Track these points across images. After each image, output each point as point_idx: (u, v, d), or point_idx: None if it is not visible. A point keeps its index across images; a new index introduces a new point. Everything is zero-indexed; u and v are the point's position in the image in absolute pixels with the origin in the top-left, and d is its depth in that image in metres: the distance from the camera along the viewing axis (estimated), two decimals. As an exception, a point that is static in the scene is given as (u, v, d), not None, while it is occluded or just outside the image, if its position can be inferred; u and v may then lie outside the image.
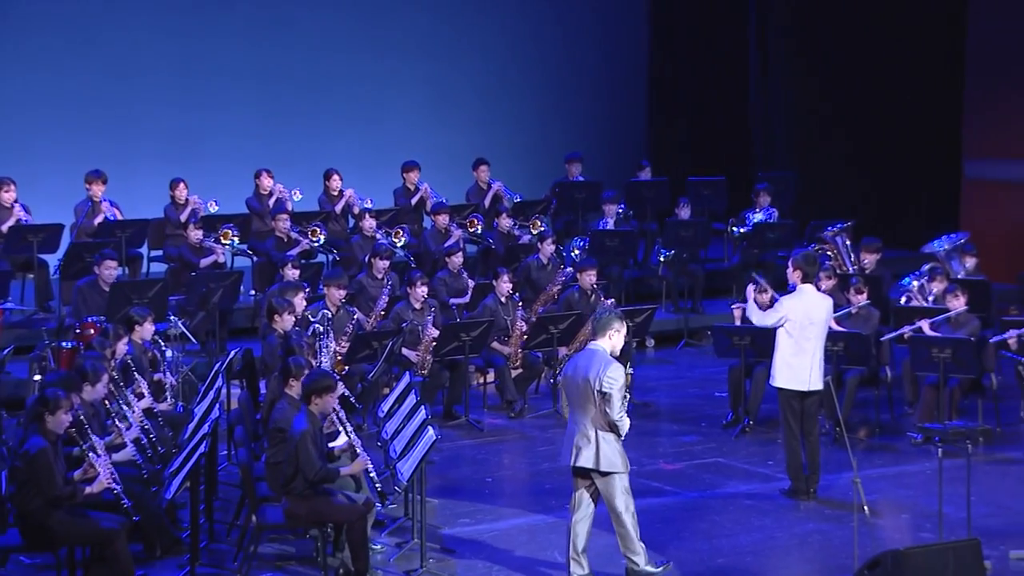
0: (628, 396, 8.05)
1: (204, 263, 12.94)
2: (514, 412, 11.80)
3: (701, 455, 10.57)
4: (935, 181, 17.03)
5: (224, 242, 13.13)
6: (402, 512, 9.10)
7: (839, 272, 12.59)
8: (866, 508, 8.94)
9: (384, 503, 8.72)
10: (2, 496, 7.97)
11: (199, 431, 8.38)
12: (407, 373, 10.03)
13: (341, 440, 8.56)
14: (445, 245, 13.40)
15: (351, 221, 14.32)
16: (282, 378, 8.71)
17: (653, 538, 8.55)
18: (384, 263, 12.37)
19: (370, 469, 8.27)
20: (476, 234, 14.07)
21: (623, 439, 8.04)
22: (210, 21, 15.90)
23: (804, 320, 9.45)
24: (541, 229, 13.98)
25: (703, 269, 14.84)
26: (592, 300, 12.37)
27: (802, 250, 10.08)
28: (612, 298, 12.75)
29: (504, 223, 14.22)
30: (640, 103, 18.42)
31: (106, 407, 8.76)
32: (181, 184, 13.73)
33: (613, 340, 8.07)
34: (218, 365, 9.81)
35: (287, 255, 12.81)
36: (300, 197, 14.17)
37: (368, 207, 14.04)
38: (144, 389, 9.30)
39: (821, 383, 9.45)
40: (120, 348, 9.52)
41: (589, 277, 12.45)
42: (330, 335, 10.45)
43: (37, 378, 10.07)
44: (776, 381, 9.59)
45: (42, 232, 12.58)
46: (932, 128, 17.03)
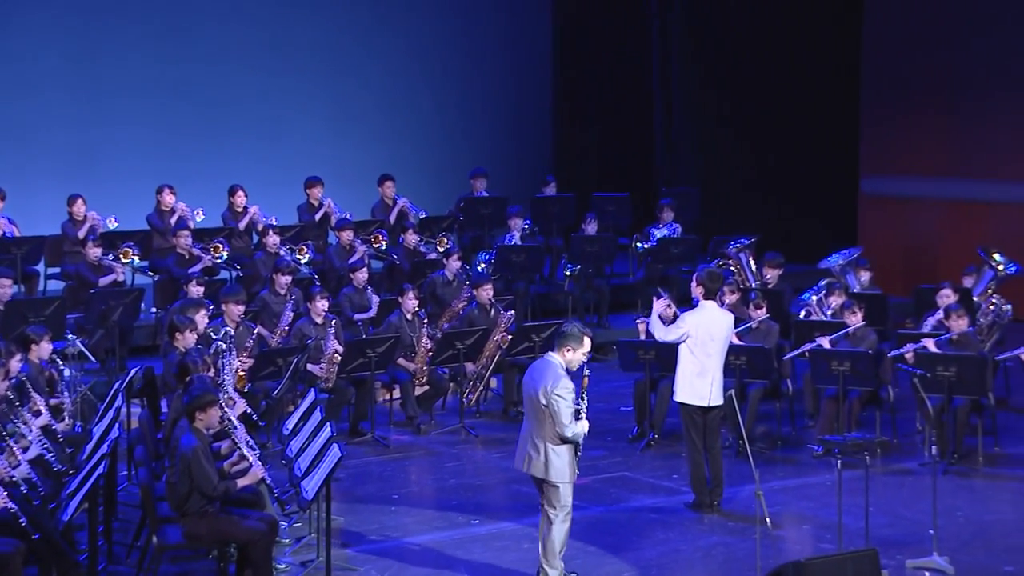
0: (585, 402, 8.08)
1: (103, 282, 12.74)
2: (419, 428, 11.77)
3: (607, 469, 10.62)
4: (834, 197, 17.37)
5: (124, 260, 12.96)
6: (307, 530, 9.02)
7: (742, 287, 12.78)
8: (768, 520, 9.08)
9: (284, 509, 8.65)
10: None
11: (97, 451, 8.23)
12: (312, 390, 9.96)
13: (235, 456, 8.46)
14: (350, 261, 13.34)
15: (255, 238, 14.19)
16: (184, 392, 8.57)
17: (559, 553, 8.57)
18: (286, 279, 12.28)
19: (267, 479, 8.19)
20: (381, 250, 14.04)
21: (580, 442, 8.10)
22: (110, 37, 15.67)
23: (705, 336, 9.56)
24: (447, 246, 13.98)
25: (608, 284, 14.95)
26: (492, 315, 12.40)
27: (706, 266, 10.21)
28: (513, 310, 12.79)
29: (410, 239, 14.20)
30: (545, 119, 18.52)
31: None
32: (79, 200, 13.50)
33: (567, 356, 8.10)
34: (118, 384, 9.68)
35: (190, 272, 12.65)
36: (203, 217, 14.00)
37: (272, 224, 13.93)
38: (42, 407, 9.12)
39: (722, 398, 9.57)
40: (14, 366, 9.30)
41: (486, 292, 12.49)
42: (233, 352, 10.34)
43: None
44: (678, 396, 9.69)
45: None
46: (831, 145, 17.37)
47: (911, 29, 16.69)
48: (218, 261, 13.27)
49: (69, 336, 11.16)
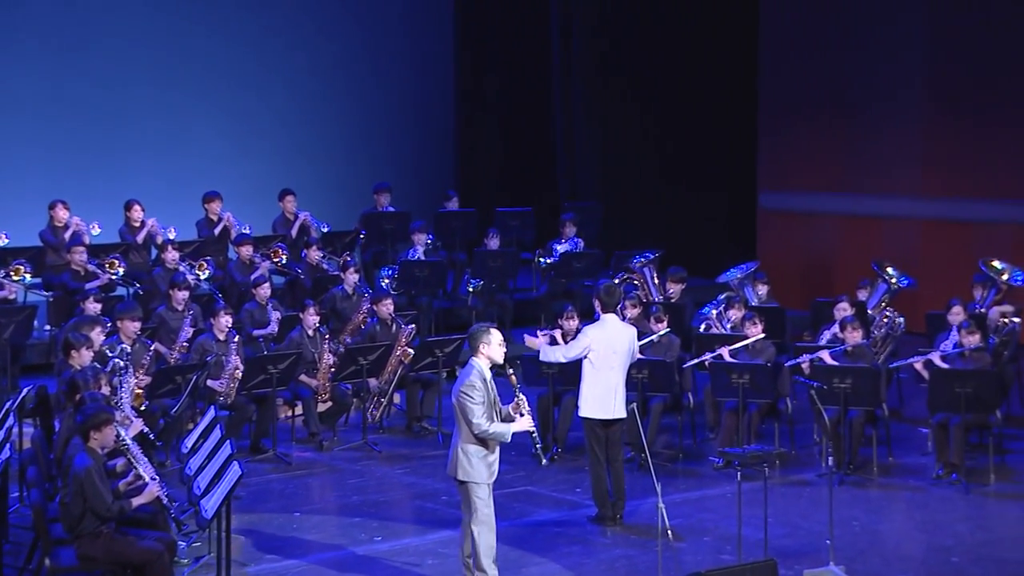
0: (523, 400, 8.14)
1: (-7, 300, 12.45)
2: (321, 445, 11.67)
3: (510, 484, 10.62)
4: (733, 212, 17.61)
5: (15, 278, 12.66)
6: (207, 550, 8.87)
7: (644, 301, 12.90)
8: (670, 532, 9.14)
9: (182, 528, 8.52)
10: None
11: (-12, 472, 8.02)
12: (212, 407, 9.82)
13: (131, 476, 8.31)
14: (252, 277, 13.20)
15: (154, 252, 13.97)
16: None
17: (462, 569, 8.53)
18: (183, 294, 12.11)
19: (163, 498, 8.06)
20: (282, 265, 13.92)
21: (500, 445, 8.18)
22: (3, 51, 15.35)
23: (607, 350, 9.63)
24: (346, 259, 13.91)
25: (512, 299, 14.98)
26: (394, 330, 12.36)
27: (604, 281, 10.29)
28: (415, 325, 12.75)
29: (313, 255, 14.10)
30: (448, 134, 18.53)
31: None
32: (-34, 218, 13.19)
33: (485, 353, 8.18)
34: (10, 403, 9.46)
35: (86, 289, 12.40)
36: (99, 232, 13.75)
37: (171, 238, 13.72)
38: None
39: (624, 411, 9.63)
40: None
41: (386, 307, 12.44)
42: (130, 370, 10.16)
43: None
44: (582, 412, 9.74)
45: None
46: (730, 160, 17.62)
47: (804, 48, 17.01)
48: (114, 278, 13.04)
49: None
